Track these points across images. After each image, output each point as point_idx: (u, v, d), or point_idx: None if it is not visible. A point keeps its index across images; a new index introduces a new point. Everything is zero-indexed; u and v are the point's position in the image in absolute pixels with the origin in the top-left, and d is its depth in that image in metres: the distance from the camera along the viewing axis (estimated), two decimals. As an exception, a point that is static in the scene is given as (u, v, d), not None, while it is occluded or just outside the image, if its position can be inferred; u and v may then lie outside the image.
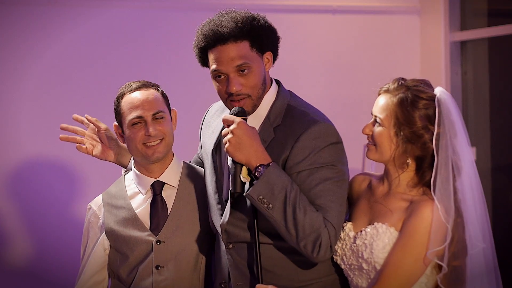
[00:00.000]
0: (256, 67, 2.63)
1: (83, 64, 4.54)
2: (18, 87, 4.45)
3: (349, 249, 2.61)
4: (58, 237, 4.45)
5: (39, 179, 4.47)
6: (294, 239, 2.53)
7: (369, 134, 2.62)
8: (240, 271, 2.70)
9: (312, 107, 2.72)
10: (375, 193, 2.67)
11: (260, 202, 2.51)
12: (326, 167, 2.57)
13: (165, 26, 4.65)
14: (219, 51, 2.61)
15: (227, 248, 2.72)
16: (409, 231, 2.50)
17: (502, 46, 5.10)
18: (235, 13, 2.65)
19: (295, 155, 2.58)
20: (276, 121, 2.66)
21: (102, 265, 3.02)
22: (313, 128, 2.59)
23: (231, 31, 2.59)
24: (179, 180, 2.98)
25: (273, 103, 2.69)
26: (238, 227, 2.68)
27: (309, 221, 2.51)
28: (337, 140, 2.62)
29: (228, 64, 2.60)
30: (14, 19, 4.44)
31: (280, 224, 2.52)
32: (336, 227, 2.55)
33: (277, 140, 2.63)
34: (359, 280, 2.60)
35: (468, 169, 2.57)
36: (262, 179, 2.51)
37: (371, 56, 5.01)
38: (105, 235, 2.99)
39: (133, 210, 2.96)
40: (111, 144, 3.13)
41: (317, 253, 2.54)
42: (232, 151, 2.54)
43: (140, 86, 2.97)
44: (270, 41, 2.69)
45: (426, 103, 2.54)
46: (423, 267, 2.51)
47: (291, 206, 2.51)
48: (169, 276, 2.89)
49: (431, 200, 2.51)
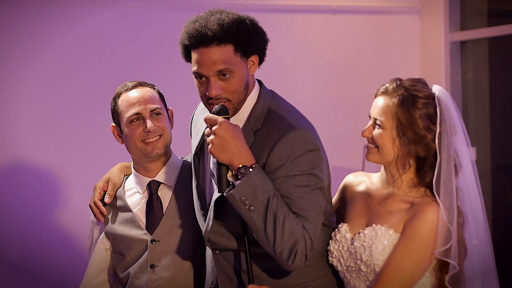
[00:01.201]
0: (239, 72, 2.54)
1: (83, 64, 4.54)
2: (18, 87, 4.45)
3: (346, 251, 2.59)
4: (57, 239, 4.46)
5: (39, 179, 4.47)
6: (271, 245, 2.46)
7: (369, 137, 2.59)
8: (227, 276, 2.67)
9: (292, 110, 2.65)
10: (372, 195, 2.65)
11: (242, 203, 2.44)
12: (303, 175, 2.50)
13: (165, 26, 4.65)
14: (202, 53, 2.53)
15: (214, 253, 2.68)
16: (411, 233, 2.48)
17: (502, 46, 5.10)
18: (223, 14, 2.56)
19: (271, 162, 2.51)
20: (256, 125, 2.59)
21: (105, 265, 3.03)
22: (289, 134, 2.51)
23: (215, 34, 2.51)
24: (176, 179, 2.97)
25: (254, 107, 2.61)
26: (221, 235, 2.62)
27: (288, 228, 2.44)
28: (315, 147, 2.53)
29: (209, 68, 2.52)
30: (14, 19, 4.44)
31: (259, 228, 2.45)
32: (313, 236, 2.48)
33: (256, 145, 2.55)
34: (357, 282, 2.58)
35: (466, 167, 2.56)
36: (246, 180, 2.44)
37: (371, 56, 5.01)
38: (104, 235, 3.00)
39: (130, 210, 2.97)
40: None
41: (292, 261, 2.46)
42: (215, 152, 2.46)
43: (136, 84, 2.98)
44: (256, 45, 2.59)
45: (425, 102, 2.53)
46: (424, 269, 2.50)
47: (272, 210, 2.44)
48: (163, 275, 2.89)
49: (434, 202, 2.50)
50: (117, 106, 2.97)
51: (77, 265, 4.32)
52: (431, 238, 2.47)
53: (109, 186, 3.02)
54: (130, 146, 2.95)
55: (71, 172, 4.51)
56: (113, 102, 2.99)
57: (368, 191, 2.68)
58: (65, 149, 4.51)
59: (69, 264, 4.40)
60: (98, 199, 3.00)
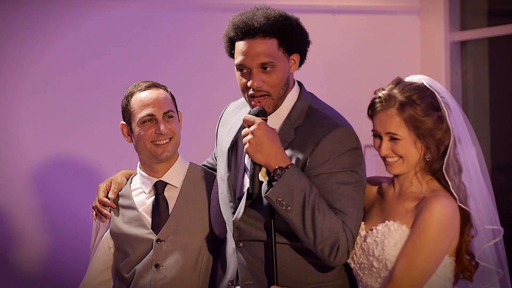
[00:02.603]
0: (281, 67, 2.61)
1: (83, 64, 4.54)
2: (18, 87, 4.45)
3: (359, 247, 2.60)
4: (61, 238, 4.46)
5: (40, 179, 4.47)
6: (312, 242, 2.52)
7: (389, 153, 2.58)
8: (249, 270, 2.68)
9: (334, 110, 2.72)
10: (386, 195, 2.67)
11: (279, 204, 2.50)
12: (345, 171, 2.56)
13: (165, 26, 4.65)
14: (246, 44, 2.59)
15: (238, 246, 2.70)
16: (420, 228, 2.49)
17: (502, 46, 5.09)
18: (269, 9, 2.63)
19: (315, 157, 2.57)
20: (297, 122, 2.65)
21: (108, 264, 3.04)
22: (335, 132, 2.58)
23: (261, 26, 2.57)
24: (182, 181, 2.99)
25: (295, 104, 2.68)
26: (250, 225, 2.66)
27: (327, 224, 2.50)
28: (357, 145, 2.61)
29: (253, 60, 2.58)
30: (14, 19, 4.44)
31: (298, 226, 2.51)
32: (354, 232, 2.54)
33: (297, 141, 2.61)
34: (369, 280, 2.59)
35: (465, 142, 2.59)
36: (281, 181, 2.50)
37: (371, 56, 5.01)
38: (109, 233, 3.01)
39: (137, 209, 2.99)
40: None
41: (334, 257, 2.53)
42: (252, 152, 2.52)
43: (150, 85, 2.99)
44: (299, 43, 2.66)
45: (419, 95, 2.55)
46: (435, 264, 2.51)
47: (310, 209, 2.49)
48: (167, 275, 2.90)
49: (441, 195, 2.52)
50: (129, 105, 2.97)
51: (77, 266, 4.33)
52: (439, 232, 2.49)
53: (112, 185, 3.03)
54: (139, 146, 2.96)
55: (71, 172, 4.51)
56: (125, 101, 2.99)
57: (382, 190, 2.70)
58: (65, 149, 4.51)
59: (69, 265, 4.40)
60: (102, 197, 3.00)
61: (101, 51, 4.57)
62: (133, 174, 3.09)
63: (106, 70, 4.55)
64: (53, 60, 4.50)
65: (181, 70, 4.59)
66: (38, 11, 4.47)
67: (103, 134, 4.48)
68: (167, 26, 4.65)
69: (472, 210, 2.55)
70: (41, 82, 4.48)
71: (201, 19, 4.67)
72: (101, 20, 4.58)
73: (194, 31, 4.66)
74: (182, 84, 4.52)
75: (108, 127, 4.39)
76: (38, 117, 4.48)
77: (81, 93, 4.53)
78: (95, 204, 3.04)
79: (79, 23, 4.54)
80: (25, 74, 4.46)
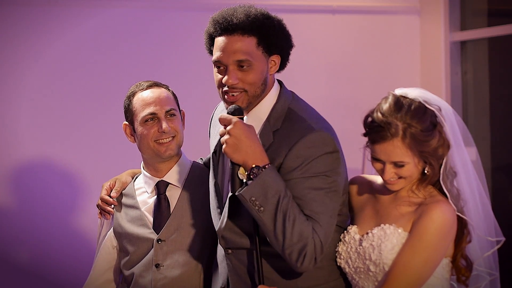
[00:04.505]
0: (258, 66, 2.55)
1: (83, 64, 4.54)
2: (18, 87, 4.45)
3: (354, 251, 2.58)
4: (56, 239, 4.46)
5: (39, 180, 4.47)
6: (281, 246, 2.45)
7: (394, 176, 2.55)
8: (239, 277, 2.66)
9: (312, 112, 2.64)
10: (380, 198, 2.65)
11: (252, 203, 2.44)
12: (318, 176, 2.49)
13: (165, 26, 4.65)
14: (224, 40, 2.54)
15: (226, 253, 2.67)
16: (419, 232, 2.48)
17: (502, 46, 5.10)
18: (251, 8, 2.58)
19: (288, 162, 2.50)
20: (276, 124, 2.58)
21: (112, 263, 3.05)
22: (309, 136, 2.51)
23: (240, 23, 2.52)
24: (184, 180, 2.99)
25: (274, 106, 2.61)
26: (235, 233, 2.62)
27: (297, 229, 2.43)
28: (333, 149, 2.53)
29: (230, 56, 2.53)
30: (14, 19, 4.44)
31: (269, 228, 2.45)
32: (323, 239, 2.47)
33: (275, 145, 2.55)
34: (365, 283, 2.58)
35: (458, 147, 2.57)
36: (257, 181, 2.44)
37: (371, 56, 5.01)
38: (112, 232, 3.01)
39: (140, 208, 2.99)
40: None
41: (301, 263, 2.46)
42: (229, 152, 2.46)
43: (151, 84, 3.00)
44: (280, 44, 2.59)
45: (419, 119, 2.49)
46: (432, 268, 2.50)
47: (282, 212, 2.43)
48: (168, 275, 2.90)
49: (441, 201, 2.51)
50: (131, 104, 2.98)
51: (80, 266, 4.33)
52: (439, 237, 2.48)
53: (116, 184, 3.04)
54: (142, 145, 2.96)
55: (71, 172, 4.51)
56: (127, 101, 3.00)
57: (375, 194, 2.68)
58: (65, 149, 4.51)
59: (72, 265, 4.40)
60: (105, 195, 3.01)
61: (101, 51, 4.57)
62: (138, 173, 3.10)
63: (107, 70, 4.55)
64: (53, 60, 4.50)
65: (183, 69, 4.59)
66: (38, 11, 4.47)
67: (104, 134, 4.48)
68: (167, 26, 4.65)
69: (470, 219, 2.54)
70: (41, 82, 4.48)
71: (201, 18, 4.65)
72: (101, 20, 4.58)
73: (195, 31, 4.64)
74: (184, 83, 4.52)
75: (109, 127, 4.39)
76: (39, 116, 4.47)
77: (82, 93, 4.53)
78: (98, 202, 3.05)
79: (79, 23, 4.54)
80: (25, 74, 4.46)
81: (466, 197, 2.55)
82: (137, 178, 3.09)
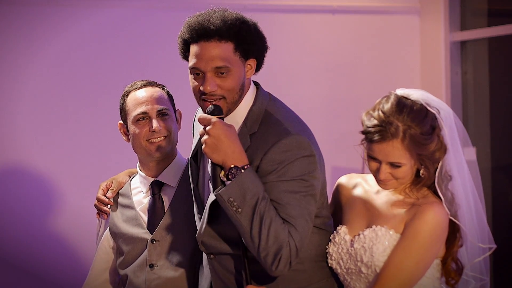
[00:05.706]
0: (236, 71, 2.51)
1: (82, 64, 4.54)
2: (18, 88, 4.45)
3: (346, 253, 2.57)
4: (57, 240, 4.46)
5: (39, 180, 4.47)
6: (256, 248, 2.43)
7: (389, 176, 2.53)
8: (222, 282, 2.64)
9: (289, 114, 2.60)
10: (371, 197, 2.63)
11: (230, 204, 2.41)
12: (294, 180, 2.46)
13: (165, 26, 4.65)
14: (201, 47, 2.50)
15: (209, 258, 2.66)
16: (412, 234, 2.47)
17: (502, 46, 5.10)
18: (226, 12, 2.54)
19: (264, 166, 2.48)
20: (253, 127, 2.55)
21: (110, 263, 3.04)
22: (284, 140, 2.47)
23: (217, 29, 2.48)
24: (179, 180, 2.98)
25: (251, 109, 2.57)
26: (215, 239, 2.60)
27: (273, 232, 2.41)
28: (309, 153, 2.48)
29: (208, 63, 2.49)
30: (14, 19, 4.44)
31: (246, 229, 2.43)
32: (298, 243, 2.44)
33: (251, 148, 2.52)
34: (357, 285, 2.57)
35: (455, 151, 2.56)
36: (235, 181, 2.41)
37: (371, 56, 5.01)
38: (109, 232, 3.02)
39: (135, 208, 2.99)
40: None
41: (276, 266, 2.43)
42: (209, 153, 2.43)
43: (145, 84, 3.00)
44: (256, 48, 2.56)
45: (419, 122, 2.47)
46: (424, 270, 2.50)
47: (259, 214, 2.41)
48: (162, 275, 2.90)
49: (435, 202, 2.50)
50: (125, 104, 2.98)
51: (77, 268, 4.33)
52: (431, 239, 2.47)
53: (113, 183, 3.04)
54: (135, 144, 2.97)
55: (71, 173, 4.51)
56: (121, 100, 3.01)
57: (366, 193, 2.66)
58: (64, 149, 4.51)
59: (69, 266, 4.40)
60: (101, 195, 3.01)
61: (100, 50, 4.57)
62: (136, 173, 3.10)
63: (105, 69, 4.55)
64: (52, 59, 4.50)
65: (182, 69, 4.58)
66: (38, 11, 4.47)
67: (102, 134, 4.48)
68: (167, 26, 4.65)
69: (463, 224, 2.53)
70: (41, 81, 4.49)
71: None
72: (101, 20, 4.58)
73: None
74: (183, 83, 4.52)
75: (108, 128, 4.39)
76: (38, 116, 4.48)
77: (79, 93, 4.53)
78: (95, 202, 3.05)
79: (78, 23, 4.54)
80: (25, 74, 4.46)
81: (460, 201, 2.54)
82: (134, 178, 3.08)
